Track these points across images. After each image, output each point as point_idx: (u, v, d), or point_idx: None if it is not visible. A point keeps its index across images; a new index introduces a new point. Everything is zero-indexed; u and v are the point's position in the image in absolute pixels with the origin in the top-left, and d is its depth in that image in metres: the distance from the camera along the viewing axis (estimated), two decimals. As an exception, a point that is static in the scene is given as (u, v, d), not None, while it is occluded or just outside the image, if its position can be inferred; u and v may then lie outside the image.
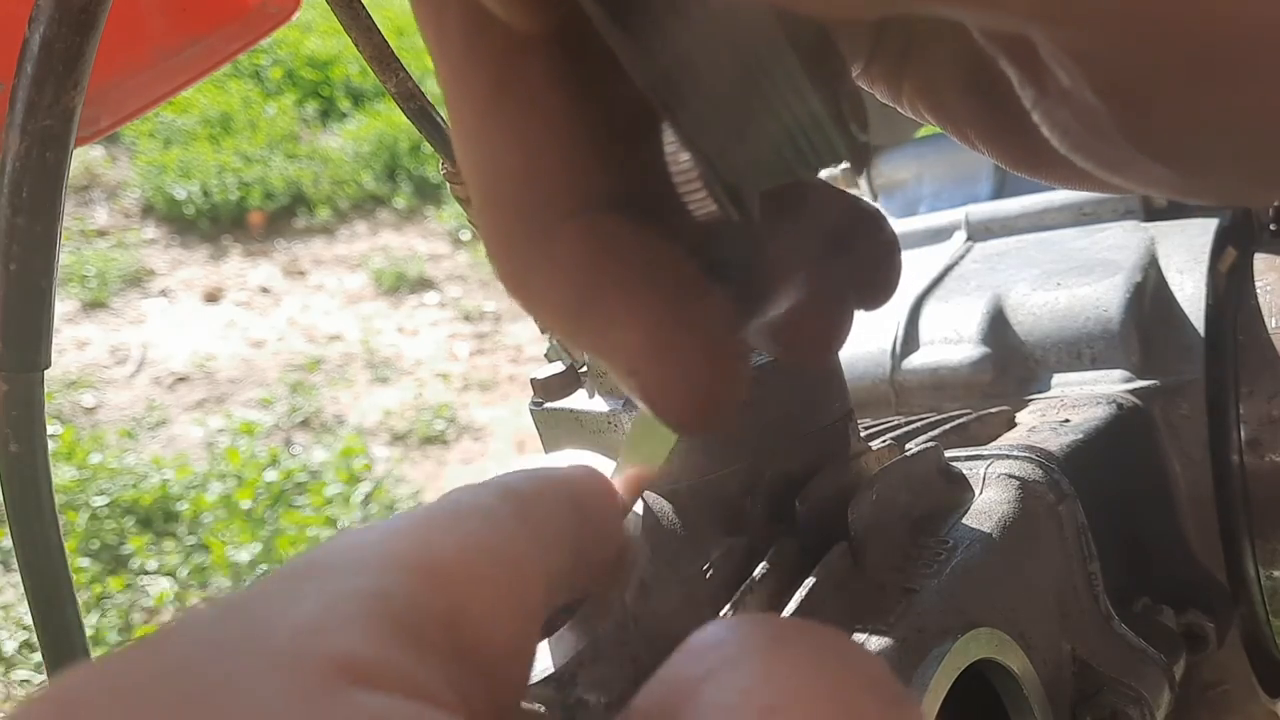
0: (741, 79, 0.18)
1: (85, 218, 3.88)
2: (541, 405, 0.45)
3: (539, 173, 0.21)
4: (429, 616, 0.17)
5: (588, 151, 0.21)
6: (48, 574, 0.41)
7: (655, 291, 0.21)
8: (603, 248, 0.21)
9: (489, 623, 0.18)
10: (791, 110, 0.19)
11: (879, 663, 0.18)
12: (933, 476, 0.43)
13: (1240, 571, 0.53)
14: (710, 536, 0.37)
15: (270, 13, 0.61)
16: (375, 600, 0.17)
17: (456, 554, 0.19)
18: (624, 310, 0.21)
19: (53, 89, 0.38)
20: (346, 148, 4.32)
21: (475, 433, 2.91)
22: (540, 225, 0.21)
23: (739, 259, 0.22)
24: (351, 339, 3.37)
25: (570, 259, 0.21)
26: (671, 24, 0.17)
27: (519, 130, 0.21)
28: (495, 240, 0.22)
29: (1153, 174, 0.19)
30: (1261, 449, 0.52)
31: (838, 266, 0.24)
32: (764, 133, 0.19)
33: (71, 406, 2.93)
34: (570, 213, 0.21)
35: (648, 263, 0.21)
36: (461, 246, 3.88)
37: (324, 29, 4.83)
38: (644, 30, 0.17)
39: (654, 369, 0.21)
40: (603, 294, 0.21)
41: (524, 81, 0.21)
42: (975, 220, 0.72)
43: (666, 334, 0.21)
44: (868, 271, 0.25)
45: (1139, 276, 0.56)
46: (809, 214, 0.23)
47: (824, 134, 0.19)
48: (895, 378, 0.61)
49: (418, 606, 0.17)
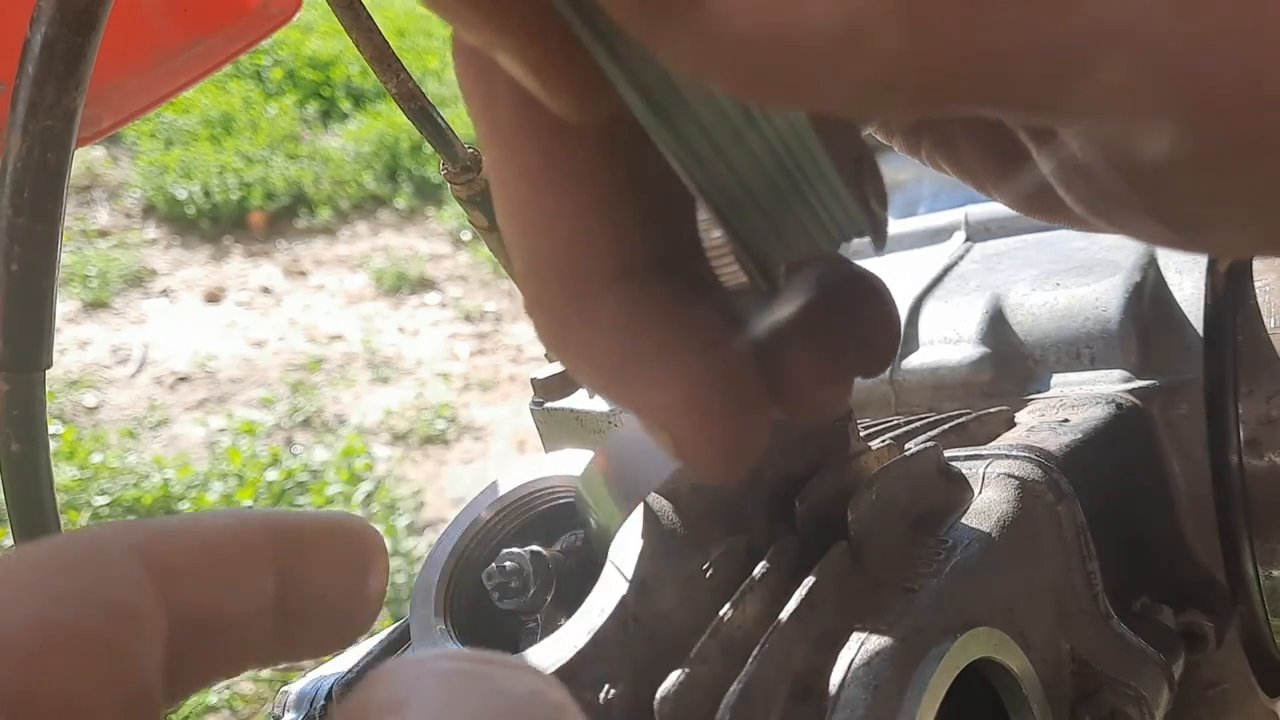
0: (771, 162, 0.19)
1: (87, 218, 3.88)
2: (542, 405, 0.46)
3: (584, 240, 0.23)
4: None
5: (629, 222, 0.23)
6: (49, 573, 0.41)
7: (689, 353, 0.22)
8: (641, 312, 0.23)
9: (69, 709, 0.16)
10: (817, 190, 0.20)
11: (542, 697, 0.18)
12: (932, 476, 0.43)
13: (1239, 571, 0.53)
14: (710, 536, 0.37)
15: (271, 14, 0.62)
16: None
17: (31, 623, 0.16)
18: (660, 371, 0.22)
19: (54, 89, 0.38)
20: (347, 148, 4.32)
21: (476, 432, 2.91)
22: (584, 288, 0.23)
23: (761, 323, 0.24)
24: (352, 339, 3.37)
25: (611, 321, 0.23)
26: (708, 118, 0.19)
27: (564, 200, 0.22)
28: (538, 301, 0.24)
29: (1161, 232, 0.20)
30: (1260, 448, 0.52)
31: (841, 333, 0.25)
32: (791, 211, 0.21)
33: (73, 406, 2.93)
34: (612, 278, 0.23)
35: (682, 326, 0.23)
36: (462, 247, 3.88)
37: (325, 30, 4.83)
38: (682, 124, 0.19)
39: (687, 427, 0.22)
40: (640, 356, 0.22)
41: (571, 156, 0.22)
42: (974, 220, 0.72)
43: (700, 394, 0.22)
44: (868, 339, 0.26)
45: (1138, 276, 0.56)
46: (818, 282, 0.24)
47: (847, 211, 0.21)
48: (894, 377, 0.61)
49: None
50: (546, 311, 0.23)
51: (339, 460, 2.65)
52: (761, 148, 0.19)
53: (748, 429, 0.23)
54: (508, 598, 0.37)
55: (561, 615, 0.35)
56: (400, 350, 3.31)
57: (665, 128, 0.19)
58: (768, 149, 0.19)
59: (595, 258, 0.23)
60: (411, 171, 4.21)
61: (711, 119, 0.19)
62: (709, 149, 0.19)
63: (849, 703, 0.33)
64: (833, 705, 0.33)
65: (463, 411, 2.99)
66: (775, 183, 0.20)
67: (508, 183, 0.23)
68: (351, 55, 4.59)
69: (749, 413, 0.23)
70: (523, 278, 0.24)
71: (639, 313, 0.23)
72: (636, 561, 0.34)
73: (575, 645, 0.33)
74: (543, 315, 0.24)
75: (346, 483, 2.56)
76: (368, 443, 2.79)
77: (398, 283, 3.65)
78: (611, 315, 0.23)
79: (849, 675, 0.34)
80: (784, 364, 0.24)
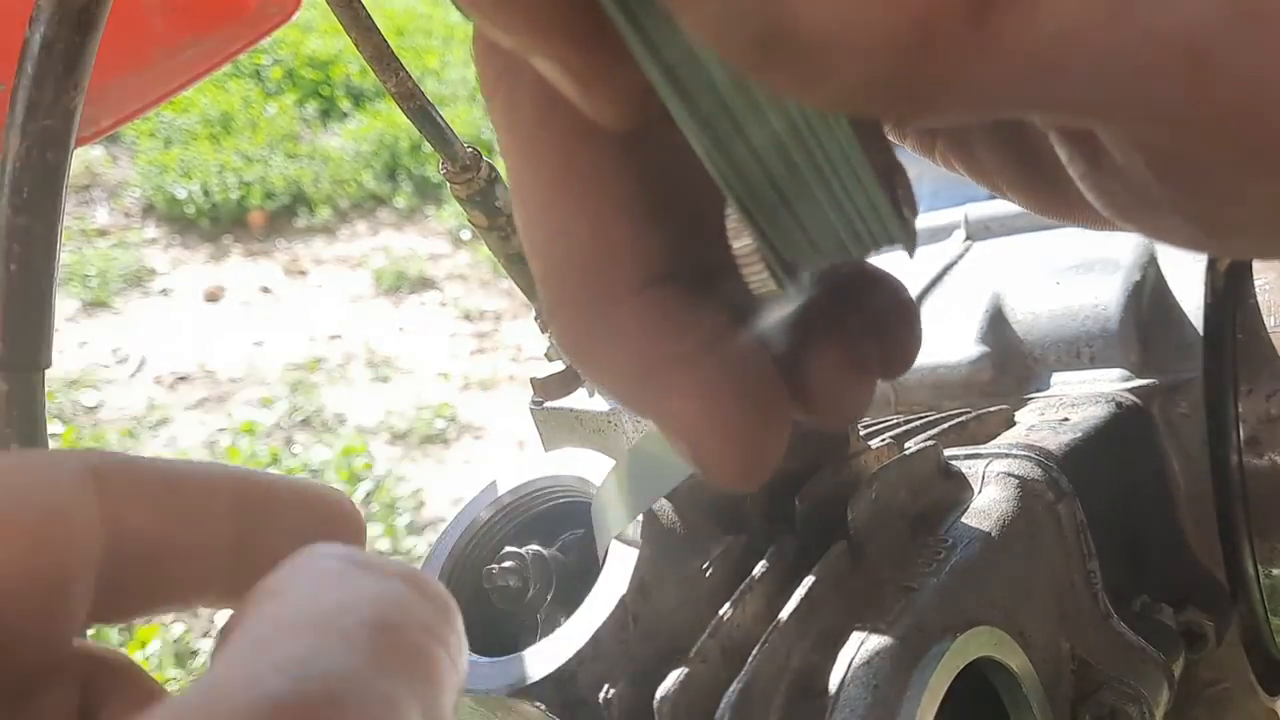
0: (806, 166, 0.19)
1: (86, 217, 3.88)
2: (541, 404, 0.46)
3: (605, 246, 0.22)
4: None
5: (652, 229, 0.23)
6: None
7: (709, 363, 0.22)
8: (663, 321, 0.23)
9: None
10: (851, 195, 0.20)
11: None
12: (932, 475, 0.43)
13: (1239, 569, 0.53)
14: (710, 535, 0.37)
15: (270, 13, 0.62)
16: None
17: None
18: (679, 381, 0.22)
19: (53, 89, 0.38)
20: (347, 147, 4.32)
21: (475, 432, 2.91)
22: (605, 297, 0.23)
23: (785, 328, 0.24)
24: (352, 338, 3.37)
25: (632, 330, 0.23)
26: (746, 117, 0.19)
27: (587, 205, 0.22)
28: (559, 309, 0.23)
29: (1190, 235, 0.20)
30: (1260, 447, 0.52)
31: (864, 335, 0.25)
32: (824, 218, 0.20)
33: (73, 406, 2.93)
34: (633, 285, 0.23)
35: (703, 335, 0.23)
36: (462, 246, 3.88)
37: (324, 29, 4.82)
38: (718, 120, 0.19)
39: (707, 437, 0.22)
40: (660, 365, 0.22)
41: (594, 161, 0.22)
42: (974, 219, 0.72)
43: (719, 404, 0.22)
44: (891, 340, 0.26)
45: (1138, 275, 0.56)
46: (839, 285, 0.25)
47: (880, 217, 0.21)
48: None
49: None
50: (567, 320, 0.23)
51: (339, 460, 2.65)
52: (799, 151, 0.19)
53: (766, 439, 0.23)
54: (508, 598, 0.37)
55: (561, 615, 0.35)
56: (400, 350, 3.31)
57: (702, 125, 0.19)
58: (805, 153, 0.19)
59: (617, 265, 0.23)
60: (411, 171, 4.21)
61: (750, 119, 0.19)
62: (745, 150, 0.19)
63: (849, 702, 0.33)
64: (833, 704, 0.33)
65: (463, 411, 2.99)
66: (810, 186, 0.20)
67: (528, 186, 0.23)
68: (351, 54, 4.59)
69: (767, 422, 0.23)
70: (542, 282, 0.23)
71: (660, 322, 0.23)
72: (636, 561, 0.35)
73: (575, 645, 0.33)
74: (564, 323, 0.23)
75: (346, 482, 2.56)
76: (367, 442, 2.79)
77: (397, 282, 3.65)
78: (632, 324, 0.22)
79: (849, 674, 0.34)
80: (809, 366, 0.24)
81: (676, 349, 0.22)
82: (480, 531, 0.40)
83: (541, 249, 0.23)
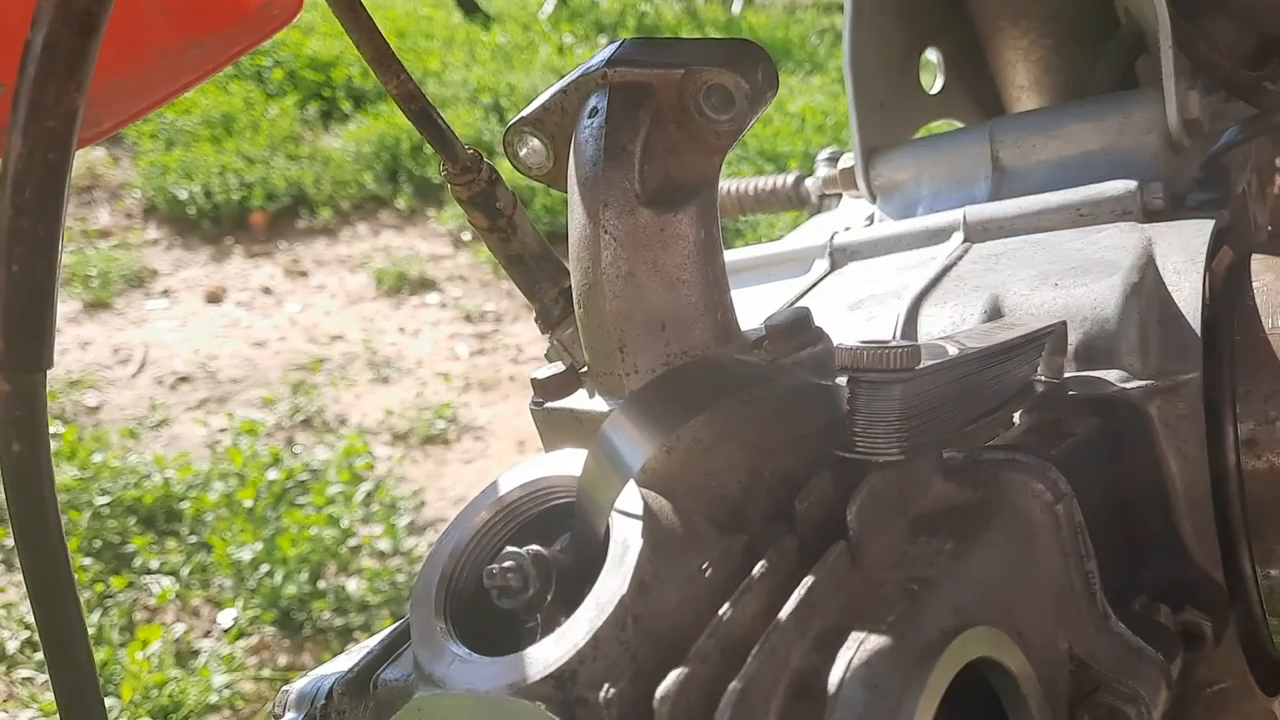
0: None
1: (88, 218, 3.88)
2: (542, 405, 0.46)
3: None
4: None
5: None
6: (50, 573, 0.41)
7: None
8: None
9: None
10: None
11: None
12: (931, 476, 0.43)
13: (1237, 570, 0.53)
14: (710, 536, 0.37)
15: (272, 15, 0.62)
16: None
17: None
18: None
19: (55, 90, 0.38)
20: (348, 149, 4.32)
21: (476, 432, 2.91)
22: None
23: None
24: (353, 339, 3.37)
25: None
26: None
27: None
28: None
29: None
30: (1258, 448, 0.52)
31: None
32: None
33: (74, 406, 2.93)
34: None
35: None
36: (462, 247, 3.88)
37: (325, 31, 4.83)
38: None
39: None
40: None
41: None
42: (973, 221, 0.72)
43: None
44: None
45: (1136, 277, 0.56)
46: None
47: None
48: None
49: None
50: None
51: (339, 460, 2.65)
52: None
53: None
54: (508, 597, 0.37)
55: (561, 615, 0.35)
56: (400, 350, 3.31)
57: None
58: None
59: None
60: (412, 172, 4.21)
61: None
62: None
63: (848, 702, 0.33)
64: (832, 704, 0.33)
65: (463, 411, 2.99)
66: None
67: None
68: (352, 56, 4.59)
69: None
70: None
71: None
72: (636, 561, 0.35)
73: (575, 645, 0.33)
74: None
75: (347, 482, 2.56)
76: (368, 442, 2.79)
77: (398, 283, 3.65)
78: None
79: (848, 674, 0.34)
80: None
81: None
82: (481, 532, 0.40)
83: None
